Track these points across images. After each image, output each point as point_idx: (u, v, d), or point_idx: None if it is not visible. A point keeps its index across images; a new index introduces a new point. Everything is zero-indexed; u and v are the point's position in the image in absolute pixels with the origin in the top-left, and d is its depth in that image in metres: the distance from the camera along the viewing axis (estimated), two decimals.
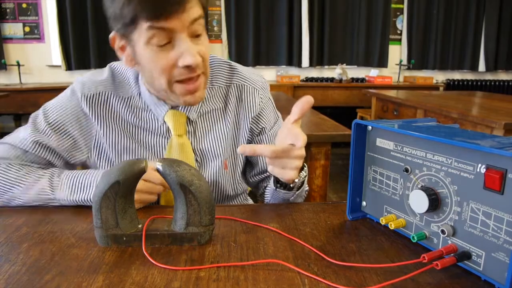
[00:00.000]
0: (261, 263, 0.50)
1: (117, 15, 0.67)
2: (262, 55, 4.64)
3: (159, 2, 0.63)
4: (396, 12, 4.76)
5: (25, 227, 0.62)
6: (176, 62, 0.69)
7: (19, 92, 3.80)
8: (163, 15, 0.64)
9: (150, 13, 0.64)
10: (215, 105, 0.85)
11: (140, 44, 0.69)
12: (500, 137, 0.50)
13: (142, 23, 0.66)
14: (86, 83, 0.81)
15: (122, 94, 0.82)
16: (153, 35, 0.66)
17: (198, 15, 0.68)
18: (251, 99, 0.87)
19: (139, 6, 0.63)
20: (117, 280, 0.46)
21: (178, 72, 0.70)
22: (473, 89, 4.72)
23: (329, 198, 2.95)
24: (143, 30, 0.66)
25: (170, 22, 0.65)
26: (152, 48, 0.68)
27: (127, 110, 0.82)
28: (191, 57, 0.68)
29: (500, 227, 0.44)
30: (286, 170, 0.68)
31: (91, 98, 0.80)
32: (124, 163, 0.54)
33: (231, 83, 0.86)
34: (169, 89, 0.73)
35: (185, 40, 0.68)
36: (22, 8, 4.35)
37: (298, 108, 0.67)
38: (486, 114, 1.96)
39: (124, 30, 0.69)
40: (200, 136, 0.84)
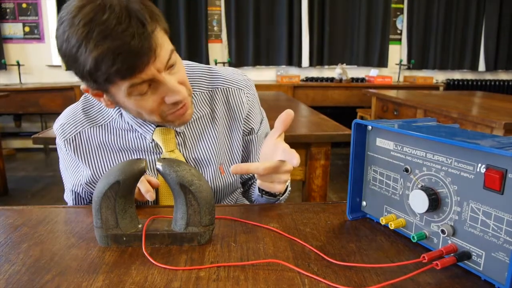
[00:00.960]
0: (261, 263, 0.50)
1: (85, 75, 0.63)
2: (262, 55, 4.64)
3: (130, 60, 0.59)
4: (396, 12, 4.76)
5: (25, 227, 0.62)
6: (163, 101, 0.69)
7: (19, 92, 3.80)
8: (138, 69, 0.61)
9: (124, 73, 0.61)
10: (200, 112, 0.84)
11: (120, 96, 0.67)
12: (500, 137, 0.50)
13: (118, 82, 0.63)
14: (65, 126, 0.82)
15: (102, 121, 0.81)
16: (133, 90, 0.64)
17: (169, 52, 0.66)
18: (239, 100, 0.86)
19: (110, 69, 0.59)
20: (117, 280, 0.46)
21: (167, 108, 0.70)
22: (473, 89, 4.72)
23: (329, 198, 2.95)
24: (123, 88, 0.64)
25: (146, 73, 0.63)
26: (135, 97, 0.67)
27: (110, 137, 0.81)
28: (177, 95, 0.68)
29: (500, 227, 0.44)
30: (274, 184, 0.70)
31: (73, 141, 0.81)
32: (124, 163, 0.54)
33: (214, 87, 0.85)
34: (162, 121, 0.73)
35: (166, 79, 0.66)
36: (22, 8, 4.35)
37: (281, 123, 0.69)
38: (486, 114, 1.96)
39: (98, 86, 0.66)
40: (191, 145, 0.83)
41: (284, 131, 0.70)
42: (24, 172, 3.74)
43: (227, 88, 0.85)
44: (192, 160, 0.84)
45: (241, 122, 0.87)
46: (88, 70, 0.60)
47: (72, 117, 0.82)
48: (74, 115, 0.83)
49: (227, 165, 0.87)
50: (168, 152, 0.81)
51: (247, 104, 0.86)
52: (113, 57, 0.58)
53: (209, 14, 4.54)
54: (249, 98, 0.87)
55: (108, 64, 0.59)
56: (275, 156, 0.68)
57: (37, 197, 3.04)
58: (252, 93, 0.89)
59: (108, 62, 0.58)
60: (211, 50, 4.60)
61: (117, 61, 0.58)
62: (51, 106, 3.89)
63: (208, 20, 4.54)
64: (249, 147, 0.90)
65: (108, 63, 0.59)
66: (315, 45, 4.61)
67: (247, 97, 0.87)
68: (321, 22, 4.60)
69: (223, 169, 0.86)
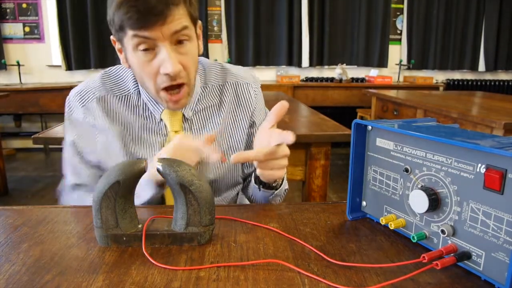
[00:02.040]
0: (261, 263, 0.50)
1: (110, 20, 0.72)
2: (262, 55, 4.64)
3: (141, 14, 0.67)
4: (396, 12, 4.76)
5: (25, 227, 0.62)
6: (158, 69, 0.73)
7: (19, 92, 3.80)
8: (145, 25, 0.68)
9: (133, 23, 0.68)
10: (209, 103, 0.89)
11: (129, 50, 0.74)
12: (500, 137, 0.50)
13: (128, 31, 0.70)
14: (82, 93, 0.84)
15: (118, 93, 0.85)
16: (138, 42, 0.71)
17: (181, 27, 0.71)
18: (247, 94, 0.91)
19: (124, 16, 0.68)
20: (117, 280, 0.46)
21: (161, 80, 0.74)
22: (473, 89, 4.72)
23: (329, 198, 2.95)
24: (129, 37, 0.71)
25: (150, 32, 0.69)
26: (138, 54, 0.73)
27: (125, 109, 0.84)
28: (170, 66, 0.71)
29: (500, 227, 0.44)
30: (274, 170, 0.71)
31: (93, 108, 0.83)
32: (124, 163, 0.54)
33: (224, 81, 0.90)
34: (156, 93, 0.77)
35: (166, 49, 0.71)
36: (22, 8, 4.35)
37: (274, 114, 0.70)
38: (486, 114, 1.96)
39: (117, 35, 0.74)
40: (196, 132, 0.87)
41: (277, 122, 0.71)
42: (24, 172, 3.74)
43: (236, 82, 0.91)
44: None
45: (248, 114, 0.91)
46: (112, 14, 0.70)
47: (90, 85, 0.86)
48: (93, 83, 0.86)
49: (229, 154, 0.90)
50: (173, 132, 0.84)
51: (254, 98, 0.92)
52: (129, 6, 0.67)
53: (209, 14, 4.54)
54: (256, 93, 0.93)
55: (124, 11, 0.68)
56: (271, 142, 0.68)
57: (37, 197, 3.04)
58: (259, 90, 0.95)
59: (124, 9, 0.67)
60: (211, 50, 4.60)
61: (131, 10, 0.67)
62: (51, 106, 3.89)
63: (208, 20, 4.54)
64: (249, 139, 0.94)
65: (124, 10, 0.67)
66: (315, 45, 4.61)
67: (254, 91, 0.92)
68: (321, 22, 4.60)
69: (224, 157, 0.89)
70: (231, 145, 0.91)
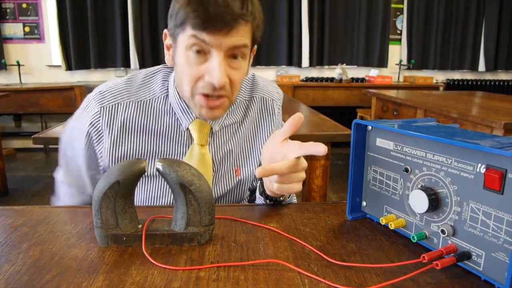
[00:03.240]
0: (261, 263, 0.50)
1: (173, 14, 0.71)
2: (262, 55, 4.64)
3: (208, 17, 0.66)
4: (396, 12, 4.76)
5: (25, 227, 0.62)
6: (203, 75, 0.71)
7: (19, 92, 3.80)
8: (208, 28, 0.67)
9: (197, 23, 0.67)
10: (235, 118, 0.88)
11: (181, 47, 0.71)
12: (500, 137, 0.50)
13: (188, 29, 0.68)
14: (104, 93, 0.81)
15: (142, 97, 0.81)
16: (193, 43, 0.69)
17: (241, 44, 0.70)
18: (271, 110, 0.91)
19: (190, 13, 0.66)
20: (117, 280, 0.46)
21: (202, 85, 0.72)
22: (473, 89, 4.72)
23: (329, 198, 2.95)
24: (187, 36, 0.69)
25: (211, 38, 0.68)
26: (189, 54, 0.71)
27: (145, 116, 0.81)
28: (217, 77, 0.69)
29: (500, 227, 0.44)
30: (293, 184, 0.67)
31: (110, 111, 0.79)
32: (124, 163, 0.54)
33: (251, 96, 0.90)
34: (191, 97, 0.74)
35: (219, 58, 0.69)
36: (22, 8, 4.35)
37: (292, 126, 0.67)
38: (486, 114, 1.96)
39: (174, 30, 0.72)
40: (218, 146, 0.85)
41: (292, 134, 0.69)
42: (24, 172, 3.74)
43: (262, 97, 0.91)
44: (216, 161, 0.85)
45: (269, 130, 0.91)
46: (178, 7, 0.69)
47: (114, 87, 0.82)
48: (117, 85, 0.82)
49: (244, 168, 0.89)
50: (199, 145, 0.82)
51: (277, 115, 0.92)
52: (199, 5, 0.66)
53: None
54: (279, 110, 0.93)
55: (192, 8, 0.66)
56: (291, 155, 0.65)
57: (37, 197, 3.04)
58: (281, 106, 0.95)
59: (193, 6, 0.66)
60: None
61: (200, 9, 0.66)
62: (51, 106, 3.89)
63: None
64: None
65: (193, 7, 0.66)
66: (315, 45, 4.61)
67: (278, 108, 0.93)
68: (321, 22, 4.60)
69: (239, 172, 0.88)
70: (249, 159, 0.89)
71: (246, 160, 0.89)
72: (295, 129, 0.68)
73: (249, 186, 0.94)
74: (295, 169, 0.65)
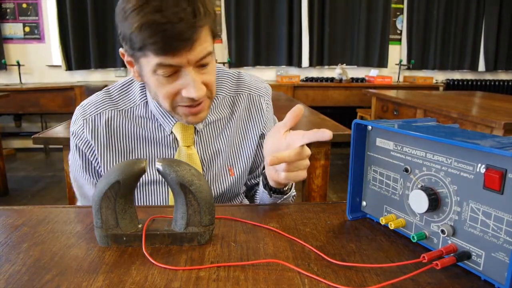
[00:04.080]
0: (261, 263, 0.50)
1: (126, 37, 0.67)
2: (262, 55, 4.64)
3: (168, 40, 0.63)
4: (396, 12, 4.76)
5: (25, 227, 0.62)
6: (180, 91, 0.70)
7: (19, 92, 3.81)
8: (171, 52, 0.64)
9: (158, 48, 0.64)
10: (220, 114, 0.87)
11: (146, 70, 0.69)
12: (500, 137, 0.50)
13: (150, 55, 0.66)
14: (85, 107, 0.83)
15: (123, 106, 0.82)
16: (159, 68, 0.67)
17: (206, 53, 0.68)
18: (259, 106, 0.90)
19: (149, 39, 0.63)
20: (117, 280, 0.46)
21: (181, 99, 0.72)
22: (473, 89, 4.72)
23: (329, 198, 2.95)
24: (151, 62, 0.67)
25: (176, 59, 0.66)
26: (157, 77, 0.69)
27: (130, 123, 0.82)
28: (195, 91, 0.69)
29: (500, 227, 0.44)
30: (299, 171, 0.69)
31: (93, 122, 0.81)
32: (124, 163, 0.54)
33: (237, 93, 0.89)
34: (172, 110, 0.75)
35: (191, 73, 0.68)
36: (22, 8, 4.35)
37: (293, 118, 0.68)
38: (486, 114, 1.96)
39: (132, 52, 0.69)
40: (206, 145, 0.85)
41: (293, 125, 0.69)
42: (24, 172, 3.74)
43: (249, 94, 0.90)
44: (205, 159, 0.85)
45: (259, 127, 0.90)
46: (130, 33, 0.64)
47: (94, 99, 0.84)
48: (97, 97, 0.84)
49: (237, 166, 0.89)
50: (185, 146, 0.82)
51: (266, 111, 0.91)
52: (154, 31, 0.62)
53: None
54: (268, 105, 0.92)
55: (148, 34, 0.63)
56: (296, 143, 0.66)
57: (37, 197, 3.04)
58: (270, 101, 0.94)
59: (148, 32, 0.62)
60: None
61: (157, 35, 0.62)
62: (51, 106, 3.89)
63: None
64: (258, 151, 0.93)
65: (148, 34, 0.62)
66: (315, 45, 4.61)
67: (266, 103, 0.92)
68: (321, 22, 4.60)
69: (233, 171, 0.88)
70: (240, 157, 0.89)
71: (238, 158, 0.89)
72: (296, 120, 0.69)
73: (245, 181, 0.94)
74: (300, 157, 0.67)
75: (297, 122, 0.69)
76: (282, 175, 0.68)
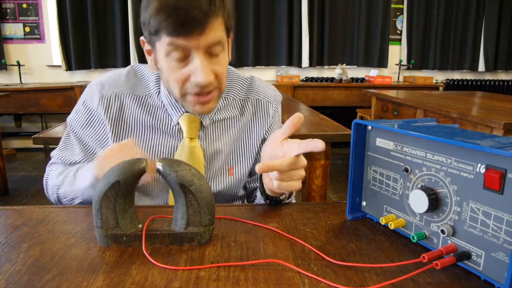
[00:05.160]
0: (261, 263, 0.50)
1: (145, 22, 0.70)
2: (262, 55, 4.64)
3: (181, 21, 0.66)
4: (396, 12, 4.76)
5: (25, 227, 0.62)
6: (189, 77, 0.72)
7: (19, 92, 3.80)
8: (183, 33, 0.67)
9: (171, 29, 0.67)
10: (228, 114, 0.88)
11: (161, 54, 0.72)
12: (500, 137, 0.50)
13: (163, 36, 0.69)
14: (104, 83, 0.85)
15: (139, 92, 0.85)
16: (171, 49, 0.70)
17: (217, 39, 0.71)
18: (265, 111, 0.92)
19: (163, 22, 0.66)
20: (117, 280, 0.46)
21: (190, 86, 0.74)
22: (473, 89, 4.72)
23: (329, 198, 2.95)
24: (164, 44, 0.70)
25: (188, 41, 0.68)
26: (170, 60, 0.72)
27: (142, 110, 0.85)
28: (203, 76, 0.71)
29: (500, 227, 0.44)
30: (293, 182, 0.67)
31: (109, 100, 0.84)
32: (124, 163, 0.54)
33: (247, 97, 0.91)
34: (181, 98, 0.76)
35: (200, 58, 0.70)
36: (22, 8, 4.35)
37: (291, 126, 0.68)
38: (486, 114, 1.96)
39: (150, 38, 0.73)
40: (210, 141, 0.86)
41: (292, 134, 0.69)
42: (24, 172, 3.74)
43: (257, 99, 0.91)
44: (208, 156, 0.86)
45: (263, 131, 0.91)
46: (149, 17, 0.68)
47: (115, 78, 0.86)
48: (118, 77, 0.86)
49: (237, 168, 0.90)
50: (189, 138, 0.84)
51: (272, 117, 0.92)
52: (169, 13, 0.65)
53: None
54: (275, 111, 0.93)
55: (163, 16, 0.66)
56: (291, 153, 0.65)
57: (37, 197, 3.03)
58: (278, 108, 0.95)
59: (163, 15, 0.66)
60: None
61: (170, 17, 0.66)
62: (51, 106, 3.89)
63: None
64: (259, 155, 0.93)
65: (163, 16, 0.66)
66: (315, 45, 4.61)
67: (274, 110, 0.93)
68: (321, 22, 4.60)
69: (232, 172, 0.89)
70: (241, 159, 0.91)
71: (239, 160, 0.90)
72: (295, 129, 0.68)
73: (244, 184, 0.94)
74: (295, 167, 0.65)
75: (296, 130, 0.68)
76: (275, 184, 0.66)
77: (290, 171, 0.66)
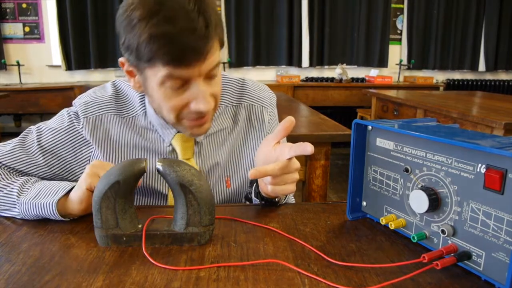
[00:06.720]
0: (261, 263, 0.50)
1: (131, 47, 0.63)
2: (262, 55, 4.64)
3: (180, 51, 0.60)
4: (396, 12, 4.76)
5: (25, 227, 0.62)
6: (188, 103, 0.68)
7: (19, 92, 3.80)
8: (183, 64, 0.62)
9: (169, 60, 0.61)
10: (222, 125, 0.85)
11: (153, 82, 0.66)
12: (500, 137, 0.50)
13: (159, 66, 0.63)
14: (89, 105, 0.79)
15: (125, 114, 0.80)
16: (168, 79, 0.64)
17: (217, 62, 0.67)
18: (260, 118, 0.87)
19: (160, 51, 0.60)
20: (117, 280, 0.46)
21: (188, 112, 0.69)
22: (473, 89, 4.72)
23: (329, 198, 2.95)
24: (159, 74, 0.64)
25: (188, 71, 0.63)
26: (165, 89, 0.66)
27: (130, 132, 0.80)
28: (204, 104, 0.67)
29: (500, 227, 0.44)
30: (287, 185, 0.66)
31: (94, 122, 0.78)
32: (124, 163, 0.54)
33: (239, 103, 0.86)
34: (177, 122, 0.72)
35: (200, 85, 0.66)
36: (22, 8, 4.35)
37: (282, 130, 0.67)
38: (486, 114, 1.96)
39: (137, 63, 0.65)
40: (206, 156, 0.83)
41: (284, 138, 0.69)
42: None
43: (251, 105, 0.87)
44: (205, 170, 0.83)
45: (259, 139, 0.88)
46: (138, 43, 0.61)
47: (99, 99, 0.80)
48: (102, 97, 0.80)
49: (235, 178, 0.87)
50: (184, 159, 0.80)
51: (268, 123, 0.88)
52: (165, 42, 0.59)
53: None
54: (271, 116, 0.89)
55: (159, 44, 0.60)
56: (283, 157, 0.65)
57: None
58: (274, 113, 0.91)
59: (160, 43, 0.59)
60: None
61: (169, 46, 0.60)
62: (51, 106, 3.89)
63: None
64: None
65: (160, 44, 0.60)
66: (315, 45, 4.61)
67: (269, 115, 0.89)
68: (321, 22, 4.60)
69: (229, 183, 0.86)
70: (238, 169, 0.87)
71: (236, 170, 0.87)
72: (286, 133, 0.67)
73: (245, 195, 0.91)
74: (288, 170, 0.65)
75: (288, 134, 0.67)
76: (269, 188, 0.66)
77: (283, 175, 0.65)
